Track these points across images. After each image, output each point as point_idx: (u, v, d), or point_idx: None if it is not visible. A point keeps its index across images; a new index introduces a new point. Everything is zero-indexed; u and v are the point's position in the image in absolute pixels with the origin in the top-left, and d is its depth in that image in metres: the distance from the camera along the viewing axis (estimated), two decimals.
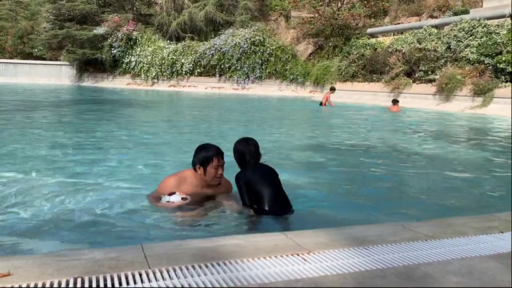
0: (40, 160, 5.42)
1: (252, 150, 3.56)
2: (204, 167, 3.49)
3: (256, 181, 3.42)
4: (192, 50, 27.44)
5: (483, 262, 2.13)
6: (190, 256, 2.09)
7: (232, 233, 2.90)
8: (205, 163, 3.48)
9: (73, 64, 32.01)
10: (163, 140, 7.75)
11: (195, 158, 3.53)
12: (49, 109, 13.54)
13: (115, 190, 4.02)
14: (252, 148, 3.57)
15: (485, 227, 2.73)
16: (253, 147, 3.58)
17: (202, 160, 3.49)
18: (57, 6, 30.66)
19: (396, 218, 3.20)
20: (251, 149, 3.56)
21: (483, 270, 2.04)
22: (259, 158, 3.59)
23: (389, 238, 2.46)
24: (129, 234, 2.95)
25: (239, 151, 3.59)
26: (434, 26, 19.28)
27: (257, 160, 3.58)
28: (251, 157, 3.54)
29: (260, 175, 3.48)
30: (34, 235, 2.92)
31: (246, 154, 3.55)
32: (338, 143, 8.11)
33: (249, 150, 3.56)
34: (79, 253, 2.12)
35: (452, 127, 11.74)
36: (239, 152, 3.59)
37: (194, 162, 3.53)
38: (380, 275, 1.96)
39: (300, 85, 25.03)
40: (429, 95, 16.71)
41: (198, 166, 3.50)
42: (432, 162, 6.41)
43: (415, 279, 1.92)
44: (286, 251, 2.19)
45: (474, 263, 2.12)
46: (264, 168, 3.58)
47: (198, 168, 3.51)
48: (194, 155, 3.55)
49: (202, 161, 3.49)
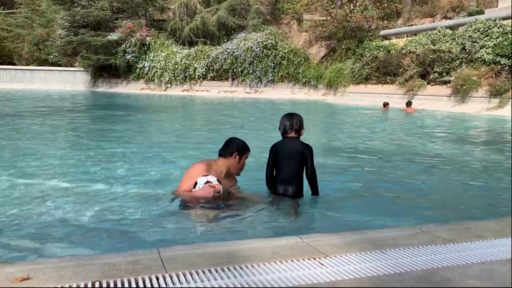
0: (56, 166, 5.49)
1: (286, 124, 3.80)
2: (240, 156, 3.82)
3: (280, 155, 3.76)
4: (204, 55, 27.58)
5: (503, 266, 2.09)
6: (207, 260, 2.09)
7: (249, 236, 2.90)
8: (243, 153, 3.84)
9: (88, 70, 32.41)
10: (177, 145, 7.79)
11: (231, 147, 3.80)
12: (65, 114, 13.72)
13: (131, 194, 4.05)
14: (286, 122, 3.81)
15: (504, 230, 2.68)
16: (287, 121, 3.81)
17: (240, 149, 3.82)
18: (72, 13, 31.11)
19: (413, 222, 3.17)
20: (286, 123, 3.81)
21: (504, 274, 2.00)
22: (293, 133, 3.80)
23: (407, 241, 2.43)
24: (146, 238, 2.96)
25: (280, 121, 3.89)
26: (448, 27, 19.06)
27: (291, 134, 3.80)
28: (284, 131, 3.82)
29: (286, 150, 3.75)
30: (52, 239, 2.95)
31: (281, 126, 3.85)
32: (353, 145, 8.06)
33: (284, 123, 3.82)
34: (97, 257, 2.14)
35: (468, 129, 11.58)
36: (280, 122, 3.89)
37: (232, 151, 3.80)
38: (398, 279, 1.94)
39: (313, 88, 24.96)
40: (444, 97, 16.52)
41: (236, 154, 3.79)
42: (449, 165, 6.33)
43: (434, 283, 1.90)
44: (303, 255, 2.18)
45: (495, 267, 2.08)
46: (294, 144, 3.78)
47: (235, 156, 3.79)
48: (229, 145, 3.83)
49: (242, 149, 3.83)
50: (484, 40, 16.32)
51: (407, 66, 18.51)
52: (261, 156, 4.32)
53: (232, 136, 3.98)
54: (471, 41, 16.76)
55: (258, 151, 4.83)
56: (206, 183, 3.52)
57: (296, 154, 3.73)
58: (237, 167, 3.87)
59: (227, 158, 3.81)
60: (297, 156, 3.73)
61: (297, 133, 3.81)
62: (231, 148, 3.82)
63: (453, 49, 17.07)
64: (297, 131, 3.81)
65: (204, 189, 3.50)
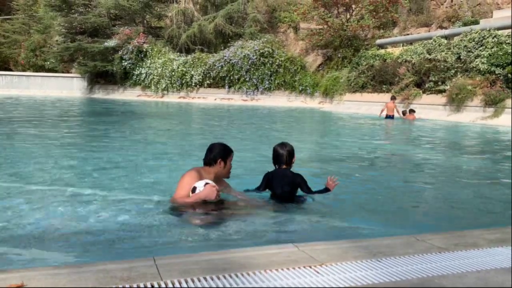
0: (52, 172, 5.47)
1: (277, 159, 4.04)
2: (225, 161, 3.80)
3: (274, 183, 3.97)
4: (201, 62, 27.67)
5: (499, 275, 2.09)
6: (203, 268, 2.08)
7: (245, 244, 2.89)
8: (226, 157, 3.82)
9: (85, 77, 32.41)
10: (173, 152, 7.78)
11: (213, 154, 3.80)
12: (61, 121, 13.69)
13: (126, 202, 4.03)
14: (276, 156, 4.04)
15: (500, 239, 2.69)
16: (278, 156, 4.02)
17: (224, 154, 3.81)
18: (69, 19, 31.18)
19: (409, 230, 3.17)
20: (276, 157, 4.05)
21: (500, 283, 2.01)
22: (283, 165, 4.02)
23: (402, 250, 2.43)
24: (141, 245, 2.95)
25: (273, 152, 4.10)
26: (443, 36, 19.23)
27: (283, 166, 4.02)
28: (275, 163, 4.08)
29: (279, 179, 3.96)
30: (46, 246, 2.93)
31: (273, 157, 4.09)
32: (350, 153, 8.08)
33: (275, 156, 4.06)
34: (92, 265, 2.13)
35: (463, 138, 11.64)
36: (272, 152, 4.10)
37: (215, 157, 3.79)
38: (394, 287, 1.94)
39: (309, 96, 25.07)
40: (440, 106, 16.62)
41: (220, 160, 3.78)
42: (444, 173, 6.35)
43: None
44: (299, 263, 2.18)
45: (490, 276, 2.08)
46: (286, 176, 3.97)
47: (219, 162, 3.78)
48: (211, 152, 3.81)
49: (224, 155, 3.81)
50: (479, 49, 16.46)
51: (402, 75, 18.63)
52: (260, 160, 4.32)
53: (212, 142, 3.93)
54: (466, 50, 16.91)
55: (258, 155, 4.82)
56: (205, 185, 3.54)
57: (288, 184, 3.98)
58: (224, 172, 3.87)
59: (212, 166, 3.80)
60: (289, 185, 3.99)
61: (288, 164, 4.05)
62: (213, 155, 3.79)
63: (449, 59, 17.21)
64: (288, 163, 4.05)
65: (206, 189, 3.52)
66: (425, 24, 25.04)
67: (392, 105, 16.25)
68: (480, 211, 4.27)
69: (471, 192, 5.12)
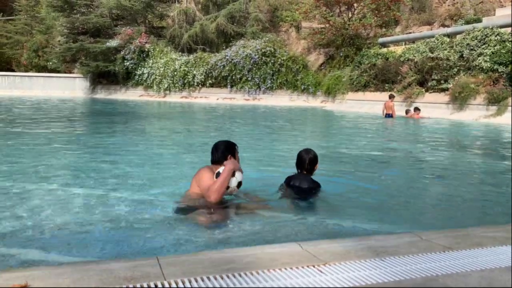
0: (54, 172, 5.48)
1: (300, 164, 4.22)
2: (233, 155, 3.88)
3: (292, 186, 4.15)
4: (203, 62, 27.66)
5: (503, 274, 2.08)
6: (206, 267, 2.08)
7: (248, 243, 2.89)
8: (233, 151, 3.90)
9: (87, 77, 32.44)
10: (176, 151, 7.79)
11: (220, 152, 3.86)
12: (63, 121, 13.72)
13: (129, 201, 4.04)
14: (300, 162, 4.23)
15: (504, 238, 2.67)
16: (301, 162, 4.22)
17: (229, 149, 3.89)
18: (71, 19, 31.20)
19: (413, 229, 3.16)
20: (299, 162, 4.23)
21: (504, 282, 2.00)
22: (304, 171, 4.21)
23: (406, 249, 2.42)
24: (145, 245, 2.95)
25: (297, 157, 4.29)
26: (446, 35, 19.17)
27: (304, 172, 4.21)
28: (297, 167, 4.27)
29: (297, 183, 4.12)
30: (49, 246, 2.94)
31: (296, 162, 4.26)
32: (354, 152, 8.07)
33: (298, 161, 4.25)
34: (95, 264, 2.13)
35: (467, 136, 11.61)
36: (296, 157, 4.29)
37: (223, 155, 3.83)
38: (397, 286, 1.93)
39: (311, 95, 25.03)
40: (442, 104, 16.57)
41: (230, 156, 3.84)
42: (449, 172, 6.33)
43: None
44: (302, 262, 2.17)
45: (495, 275, 2.08)
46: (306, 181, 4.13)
47: (229, 158, 3.83)
48: (217, 151, 3.87)
49: (230, 150, 3.89)
50: (482, 48, 16.41)
51: (405, 73, 18.58)
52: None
53: (215, 142, 3.98)
54: (469, 49, 16.85)
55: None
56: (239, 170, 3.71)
57: (304, 191, 4.12)
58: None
59: (221, 163, 3.82)
60: (305, 192, 4.13)
61: (308, 171, 4.23)
62: (220, 153, 3.86)
63: (451, 57, 17.16)
64: (308, 170, 4.22)
65: (228, 163, 3.67)
66: (427, 22, 24.97)
67: (391, 104, 16.23)
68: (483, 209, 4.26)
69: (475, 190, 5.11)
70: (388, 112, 16.12)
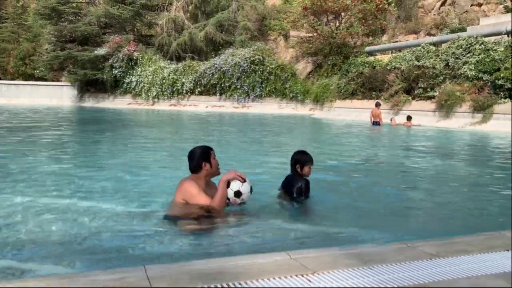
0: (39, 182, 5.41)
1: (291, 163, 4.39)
2: (208, 161, 3.80)
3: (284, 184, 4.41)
4: (192, 70, 27.68)
5: (490, 281, 2.10)
6: (193, 277, 2.07)
7: (236, 253, 2.88)
8: (207, 157, 3.81)
9: (75, 85, 32.22)
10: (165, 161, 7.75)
11: (195, 161, 3.81)
12: (49, 129, 13.58)
13: (116, 211, 4.00)
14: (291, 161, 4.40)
15: (490, 245, 2.70)
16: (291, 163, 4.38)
17: (204, 156, 3.81)
18: (59, 27, 31.03)
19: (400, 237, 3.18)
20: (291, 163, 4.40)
21: None
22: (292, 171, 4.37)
23: (393, 257, 2.44)
24: (132, 255, 2.92)
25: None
26: (432, 43, 19.45)
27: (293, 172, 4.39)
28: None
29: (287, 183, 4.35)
30: (36, 257, 2.89)
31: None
32: (341, 160, 8.10)
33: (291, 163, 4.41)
34: (82, 275, 2.11)
35: (453, 144, 11.75)
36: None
37: (198, 163, 3.80)
38: None
39: (300, 103, 25.16)
40: (429, 112, 16.77)
41: (204, 163, 3.79)
42: (435, 180, 6.39)
43: None
44: (290, 271, 2.17)
45: (481, 282, 2.10)
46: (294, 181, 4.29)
47: (204, 165, 3.79)
48: (193, 159, 3.82)
49: (204, 157, 3.81)
50: (467, 56, 16.68)
51: (392, 81, 18.78)
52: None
53: (190, 149, 3.91)
54: (454, 57, 17.12)
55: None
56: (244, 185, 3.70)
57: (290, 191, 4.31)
58: (213, 171, 3.87)
59: (199, 171, 3.82)
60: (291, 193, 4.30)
61: (294, 172, 4.38)
62: (196, 161, 3.81)
63: (437, 65, 17.40)
64: (293, 171, 4.38)
65: (227, 173, 3.69)
66: (413, 31, 25.32)
67: (378, 112, 16.41)
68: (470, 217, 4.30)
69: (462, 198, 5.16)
70: (375, 120, 16.28)
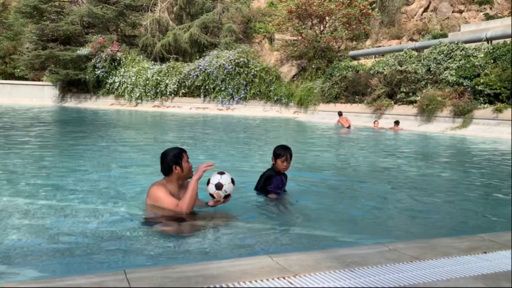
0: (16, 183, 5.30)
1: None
2: (179, 165, 3.70)
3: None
4: (176, 71, 27.54)
5: (468, 283, 2.13)
6: (175, 281, 2.05)
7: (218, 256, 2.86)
8: (178, 161, 3.69)
9: (56, 85, 31.76)
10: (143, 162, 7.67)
11: (166, 163, 3.71)
12: (29, 129, 13.34)
13: (96, 213, 3.94)
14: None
15: (469, 247, 2.75)
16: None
17: (175, 160, 3.69)
18: (41, 26, 30.56)
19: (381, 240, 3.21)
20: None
21: None
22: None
23: (375, 259, 2.45)
24: (112, 259, 2.88)
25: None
26: (414, 49, 19.74)
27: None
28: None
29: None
30: (15, 261, 2.83)
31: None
32: (324, 164, 8.15)
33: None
34: (60, 279, 2.06)
35: (434, 148, 11.92)
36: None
37: (169, 166, 3.70)
38: None
39: (284, 106, 25.25)
40: (411, 116, 16.99)
41: (175, 166, 3.69)
42: (416, 183, 6.47)
43: None
44: (272, 274, 2.17)
45: (460, 284, 2.13)
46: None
47: (175, 168, 3.70)
48: (164, 162, 3.74)
49: (175, 160, 3.69)
50: (448, 62, 16.97)
51: (375, 86, 18.98)
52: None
53: (162, 152, 3.82)
54: (435, 62, 17.39)
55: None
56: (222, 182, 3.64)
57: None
58: (185, 174, 3.76)
59: (170, 175, 3.74)
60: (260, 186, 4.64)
61: (272, 166, 4.64)
62: (166, 164, 3.70)
63: (419, 70, 17.65)
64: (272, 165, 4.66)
65: (198, 170, 3.63)
66: (396, 36, 25.68)
67: (344, 119, 17.26)
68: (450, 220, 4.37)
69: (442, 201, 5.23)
70: (345, 126, 16.78)
